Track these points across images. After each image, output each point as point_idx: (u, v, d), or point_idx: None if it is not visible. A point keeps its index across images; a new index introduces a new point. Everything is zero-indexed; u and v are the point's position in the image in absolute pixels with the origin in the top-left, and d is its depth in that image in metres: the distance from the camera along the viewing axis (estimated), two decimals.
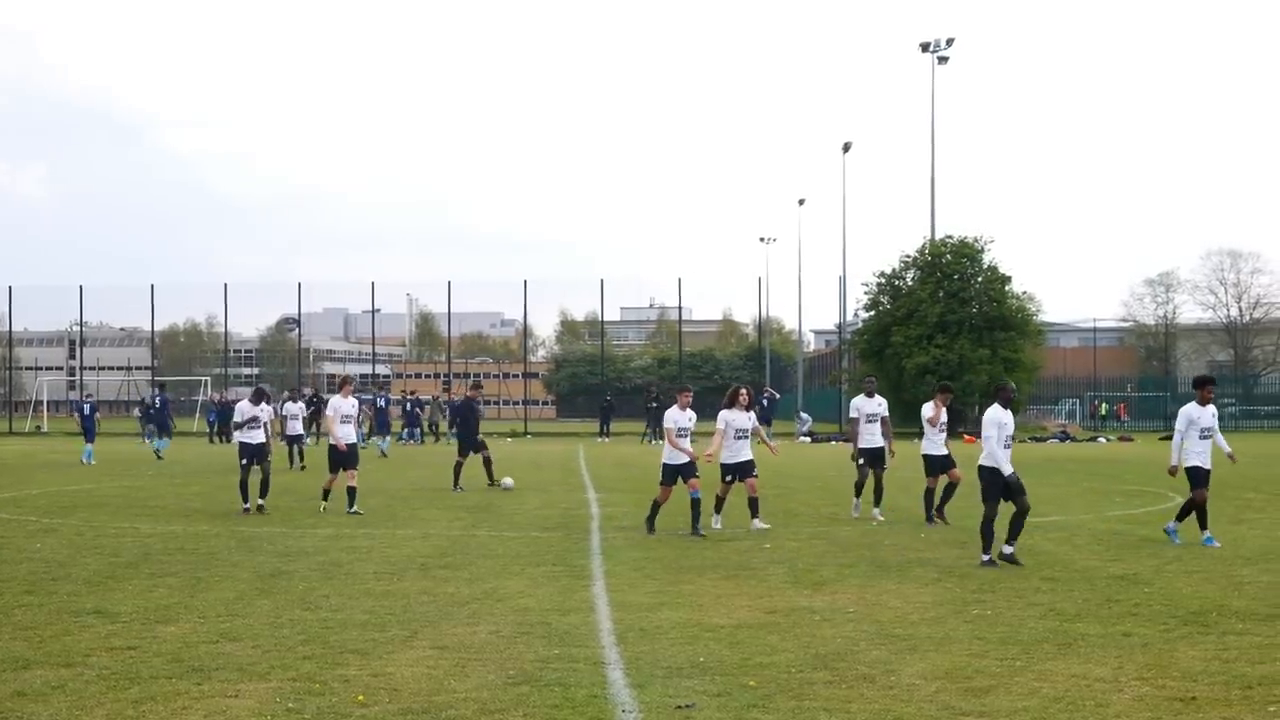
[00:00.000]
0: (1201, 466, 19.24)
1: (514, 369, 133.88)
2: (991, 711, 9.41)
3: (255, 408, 25.58)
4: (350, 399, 25.40)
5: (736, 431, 21.60)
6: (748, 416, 21.77)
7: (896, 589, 15.15)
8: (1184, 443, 19.31)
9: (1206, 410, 19.41)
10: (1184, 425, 19.33)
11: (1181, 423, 19.40)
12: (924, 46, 77.12)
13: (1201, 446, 19.28)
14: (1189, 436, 19.28)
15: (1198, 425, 19.28)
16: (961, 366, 70.81)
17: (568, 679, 10.37)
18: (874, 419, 23.90)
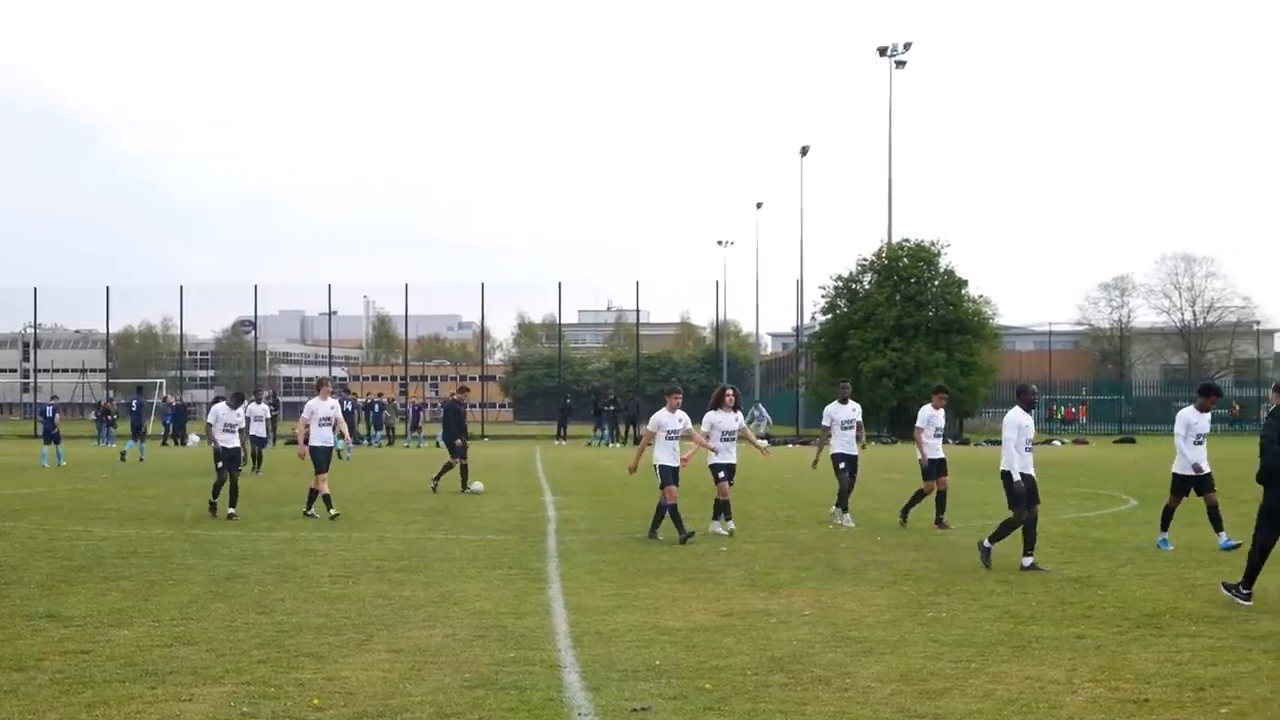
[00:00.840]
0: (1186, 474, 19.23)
1: (471, 372, 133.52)
2: (946, 714, 9.44)
3: (234, 412, 25.34)
4: (329, 401, 25.04)
5: (723, 434, 21.31)
6: (734, 418, 21.50)
7: (852, 592, 15.18)
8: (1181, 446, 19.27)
9: (1205, 417, 19.34)
10: (1183, 429, 19.25)
11: (1180, 426, 19.32)
12: (881, 51, 77.41)
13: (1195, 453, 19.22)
14: (1186, 441, 19.22)
15: (1195, 430, 19.21)
16: (918, 369, 71.08)
17: (524, 682, 10.36)
18: (849, 425, 23.62)
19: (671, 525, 20.34)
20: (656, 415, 20.98)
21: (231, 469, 24.63)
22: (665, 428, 20.75)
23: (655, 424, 20.83)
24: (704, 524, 21.47)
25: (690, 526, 20.36)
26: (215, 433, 25.11)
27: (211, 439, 25.13)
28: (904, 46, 77.13)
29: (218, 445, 24.93)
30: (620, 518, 24.28)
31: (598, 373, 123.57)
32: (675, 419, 20.89)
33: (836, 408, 23.76)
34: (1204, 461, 19.30)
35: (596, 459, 49.34)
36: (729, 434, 21.31)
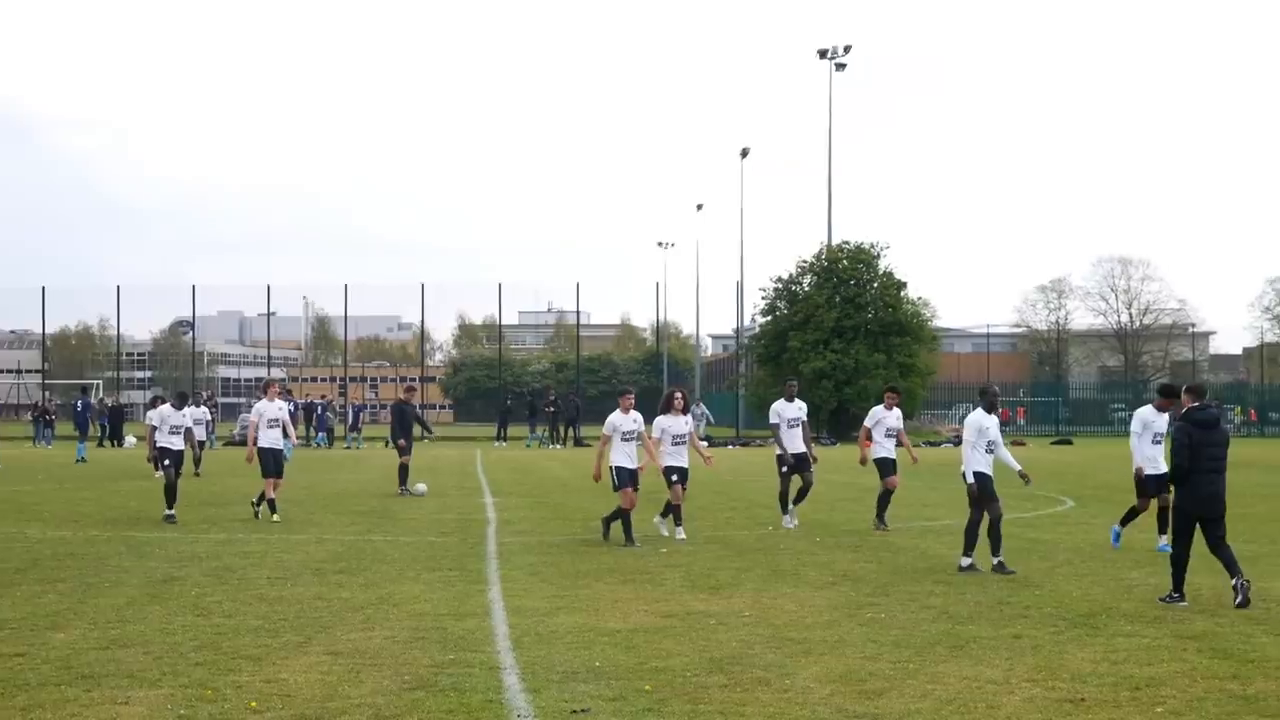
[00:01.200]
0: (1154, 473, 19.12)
1: (411, 373, 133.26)
2: (884, 714, 9.48)
3: (178, 413, 25.02)
4: (277, 402, 24.69)
5: (674, 438, 21.05)
6: (684, 421, 21.24)
7: (792, 593, 15.23)
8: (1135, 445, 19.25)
9: (1163, 417, 19.28)
10: (1139, 427, 19.24)
11: (1136, 424, 19.30)
12: (821, 53, 77.67)
13: (1153, 451, 19.23)
14: (1142, 439, 19.23)
15: (1151, 429, 19.20)
16: (857, 371, 71.40)
17: (463, 684, 10.34)
18: (795, 424, 23.46)
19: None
20: (611, 417, 20.74)
21: (177, 469, 24.39)
22: (620, 429, 20.59)
23: (610, 426, 20.61)
24: (650, 522, 21.43)
25: (638, 530, 20.37)
26: (160, 435, 24.84)
27: (151, 443, 24.89)
28: (844, 49, 77.43)
29: (159, 448, 24.67)
30: (560, 519, 24.28)
31: (538, 374, 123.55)
32: (630, 420, 20.75)
33: (784, 405, 23.64)
34: (1162, 461, 19.17)
35: (537, 461, 49.28)
36: (679, 438, 21.07)
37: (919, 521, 22.90)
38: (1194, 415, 14.66)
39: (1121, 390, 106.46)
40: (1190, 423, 14.56)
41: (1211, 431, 14.55)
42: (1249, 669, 10.97)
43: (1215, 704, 9.76)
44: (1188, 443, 14.38)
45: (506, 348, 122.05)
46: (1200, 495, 14.41)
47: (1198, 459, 14.36)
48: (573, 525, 23.04)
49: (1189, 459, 14.33)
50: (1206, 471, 14.42)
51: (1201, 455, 14.38)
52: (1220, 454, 14.52)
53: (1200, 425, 14.54)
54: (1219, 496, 14.53)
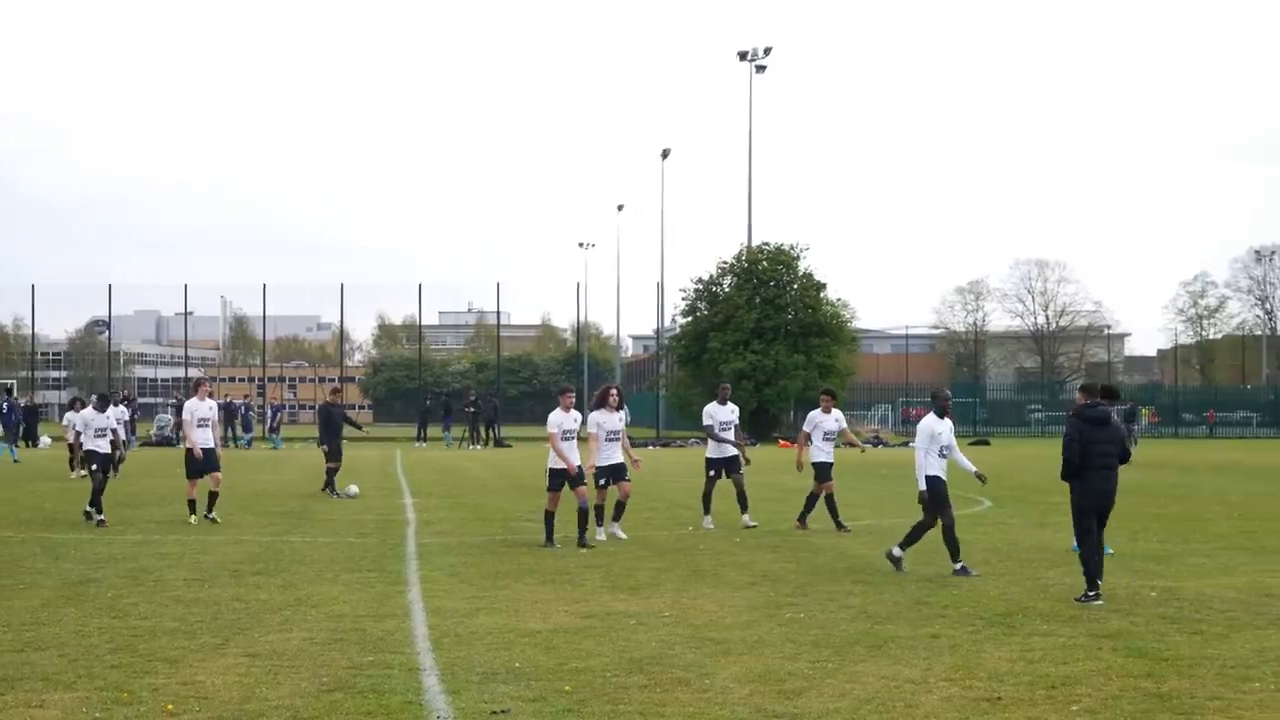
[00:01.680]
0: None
1: (330, 373, 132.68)
2: (803, 713, 9.52)
3: (102, 415, 24.44)
4: (207, 401, 24.36)
5: (608, 434, 20.85)
6: (618, 418, 21.09)
7: (711, 593, 15.26)
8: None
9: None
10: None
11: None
12: (742, 55, 77.88)
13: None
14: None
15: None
16: (777, 372, 71.70)
17: (382, 685, 10.31)
18: (727, 427, 23.32)
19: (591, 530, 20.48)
20: (553, 415, 20.51)
21: (104, 471, 23.97)
22: (562, 427, 20.31)
23: (554, 424, 20.33)
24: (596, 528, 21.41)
25: (582, 534, 20.34)
26: (85, 439, 24.44)
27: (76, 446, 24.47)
28: (764, 51, 77.63)
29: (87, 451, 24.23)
30: (481, 520, 24.23)
31: (458, 374, 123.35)
32: (570, 418, 20.53)
33: (716, 408, 23.47)
34: None
35: (457, 461, 49.15)
36: (613, 434, 20.91)
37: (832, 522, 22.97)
38: (1085, 413, 15.17)
39: (1038, 391, 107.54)
40: (1082, 420, 15.06)
41: (1102, 429, 15.04)
42: (1163, 667, 11.09)
43: (1130, 702, 9.86)
44: (1078, 438, 14.92)
45: (426, 348, 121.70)
46: (1097, 490, 14.96)
47: (1088, 455, 14.91)
48: (493, 526, 23.00)
49: (1080, 454, 14.90)
50: (1099, 468, 14.98)
51: (1092, 452, 14.92)
52: (1111, 450, 15.04)
53: (1091, 422, 15.04)
54: (1112, 493, 15.12)
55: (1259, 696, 10.04)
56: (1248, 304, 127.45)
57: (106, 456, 24.33)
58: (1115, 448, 15.13)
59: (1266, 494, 31.47)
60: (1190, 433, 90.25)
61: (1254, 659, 11.44)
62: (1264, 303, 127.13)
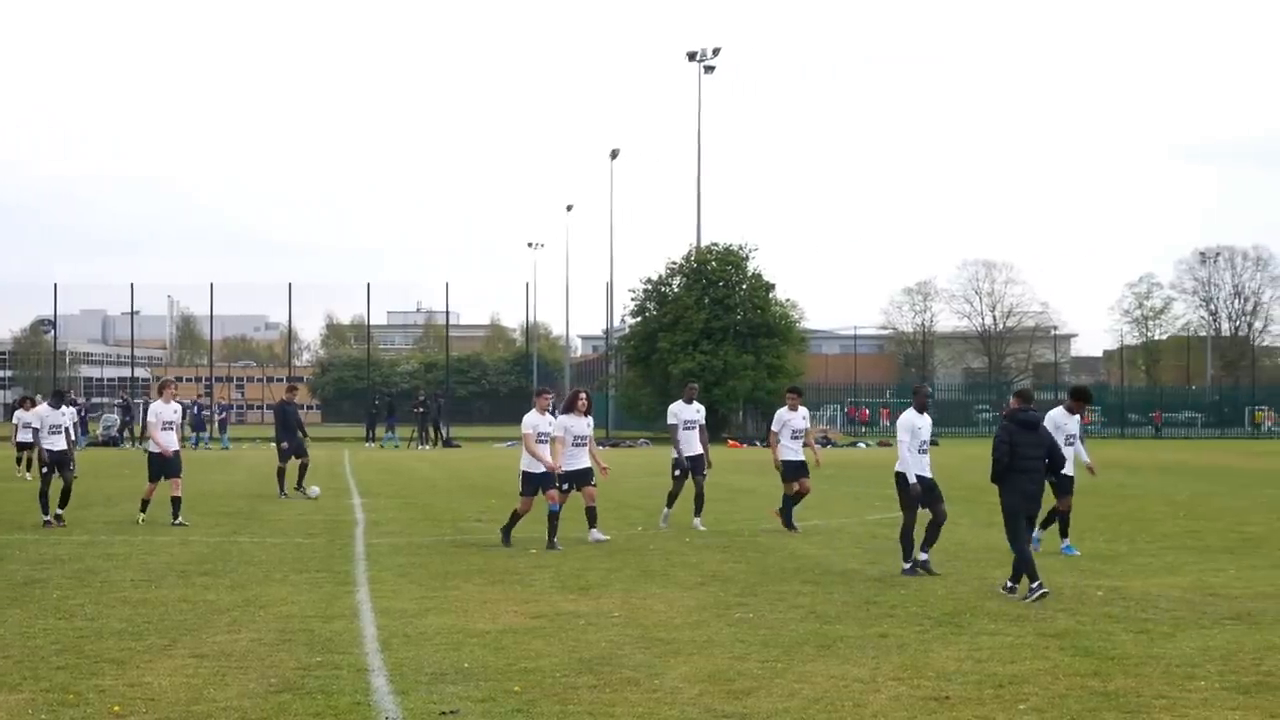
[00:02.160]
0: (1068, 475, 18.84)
1: (278, 373, 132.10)
2: (752, 713, 9.54)
3: (57, 412, 23.97)
4: (173, 403, 23.91)
5: (575, 439, 20.44)
6: (586, 423, 20.75)
7: (661, 593, 15.28)
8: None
9: (1074, 419, 19.49)
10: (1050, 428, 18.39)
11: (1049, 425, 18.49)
12: (691, 55, 77.97)
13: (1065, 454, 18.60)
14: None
15: (1063, 431, 19.06)
16: (726, 372, 71.80)
17: (331, 686, 10.28)
18: (691, 425, 23.14)
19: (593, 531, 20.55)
20: (528, 417, 20.12)
21: (62, 472, 23.49)
22: (538, 429, 20.02)
23: (529, 425, 19.97)
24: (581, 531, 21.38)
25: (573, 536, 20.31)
26: (41, 437, 23.83)
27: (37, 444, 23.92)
28: (712, 52, 77.77)
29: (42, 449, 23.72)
30: (429, 520, 24.18)
31: (407, 375, 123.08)
32: (546, 420, 20.22)
33: (682, 407, 23.33)
34: (1071, 465, 19.05)
35: (405, 462, 49.05)
36: (580, 439, 20.53)
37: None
38: (1017, 416, 15.64)
39: (986, 391, 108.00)
40: (1014, 423, 15.52)
41: (1032, 433, 15.52)
42: (1109, 666, 11.17)
43: (1077, 700, 9.92)
44: (1008, 440, 15.35)
45: (375, 348, 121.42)
46: (1025, 491, 15.40)
47: (1017, 458, 15.33)
48: (442, 527, 22.96)
49: (1009, 455, 15.30)
50: (1028, 470, 15.42)
51: (1021, 455, 15.36)
52: (1039, 454, 15.50)
53: (1022, 426, 15.51)
54: (1038, 495, 15.63)
55: (1204, 695, 10.12)
56: (1192, 305, 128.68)
57: (63, 454, 23.83)
58: (1042, 451, 15.55)
59: (1212, 494, 31.69)
60: (1136, 433, 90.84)
61: (1199, 658, 11.53)
62: (1208, 304, 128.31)
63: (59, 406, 24.26)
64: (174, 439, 23.74)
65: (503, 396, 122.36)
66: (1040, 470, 15.55)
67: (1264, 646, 12.06)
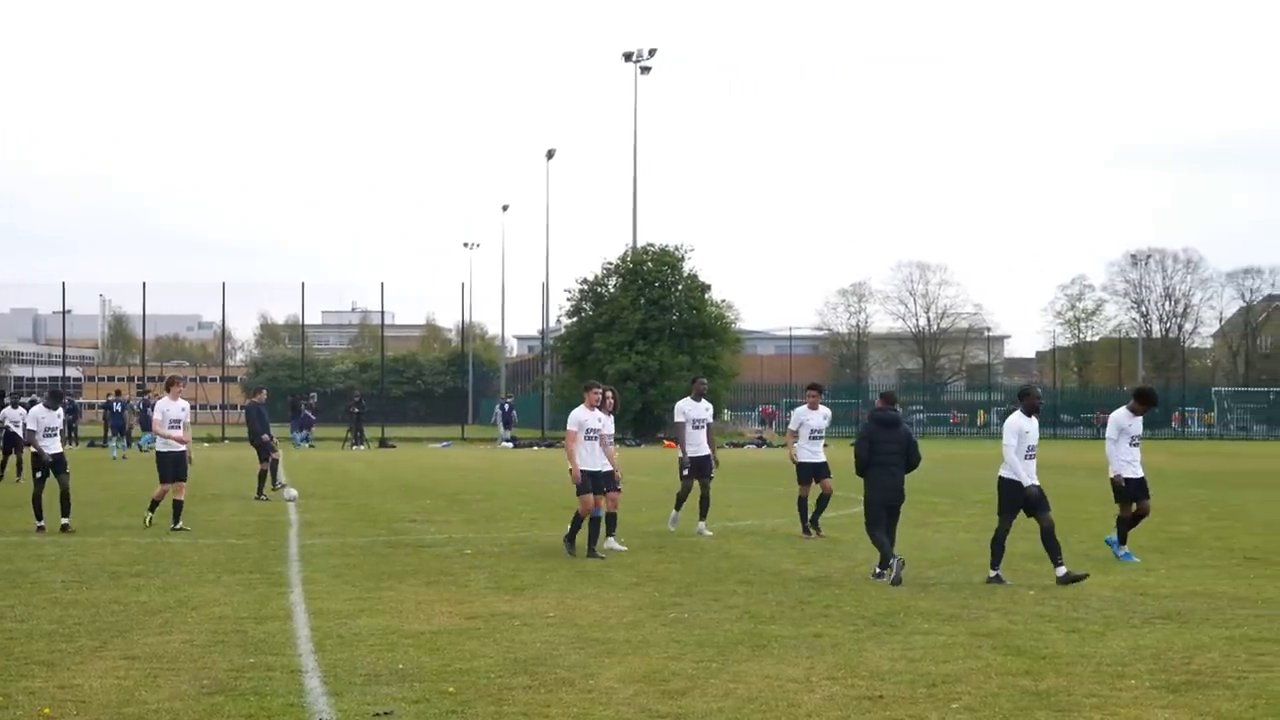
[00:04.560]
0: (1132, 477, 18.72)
1: (211, 372, 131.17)
2: (687, 713, 9.56)
3: (54, 414, 22.78)
4: (180, 402, 23.08)
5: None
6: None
7: (596, 594, 15.28)
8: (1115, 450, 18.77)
9: (1138, 420, 18.89)
10: (1114, 433, 18.81)
11: (1112, 430, 18.87)
12: (627, 56, 77.99)
13: (1130, 456, 18.77)
14: (1118, 445, 18.75)
15: (1126, 434, 18.72)
16: (662, 373, 71.79)
17: (264, 688, 10.23)
18: (700, 425, 21.86)
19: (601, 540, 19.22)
20: (576, 413, 19.22)
21: (58, 476, 22.25)
22: (586, 426, 19.01)
23: (575, 422, 19.07)
24: (453, 533, 21.36)
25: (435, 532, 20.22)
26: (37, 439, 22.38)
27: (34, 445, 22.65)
28: (649, 52, 77.79)
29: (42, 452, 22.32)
30: (364, 521, 24.10)
31: (341, 375, 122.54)
32: (595, 417, 19.19)
33: (690, 404, 21.99)
34: (1139, 465, 18.81)
35: (339, 462, 48.84)
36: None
37: (721, 522, 23.05)
38: (877, 415, 17.02)
39: (920, 392, 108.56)
40: (874, 422, 16.88)
41: (891, 430, 16.74)
42: (1041, 665, 11.25)
43: (1009, 699, 9.99)
44: (868, 438, 16.67)
45: (310, 348, 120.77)
46: (884, 485, 16.57)
47: (877, 453, 16.54)
48: (376, 527, 22.87)
49: (869, 452, 16.55)
50: (886, 465, 16.57)
51: (880, 451, 16.56)
52: (897, 449, 16.60)
53: (882, 424, 16.80)
54: (899, 487, 16.70)
55: (1134, 693, 10.21)
56: (1124, 307, 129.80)
57: (59, 457, 22.60)
58: (900, 448, 16.62)
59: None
60: (1069, 434, 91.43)
61: (1129, 656, 11.63)
62: (1139, 306, 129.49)
63: (55, 408, 23.01)
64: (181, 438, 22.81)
65: (438, 397, 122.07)
66: (900, 465, 16.60)
67: (1193, 645, 12.19)
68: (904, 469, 16.72)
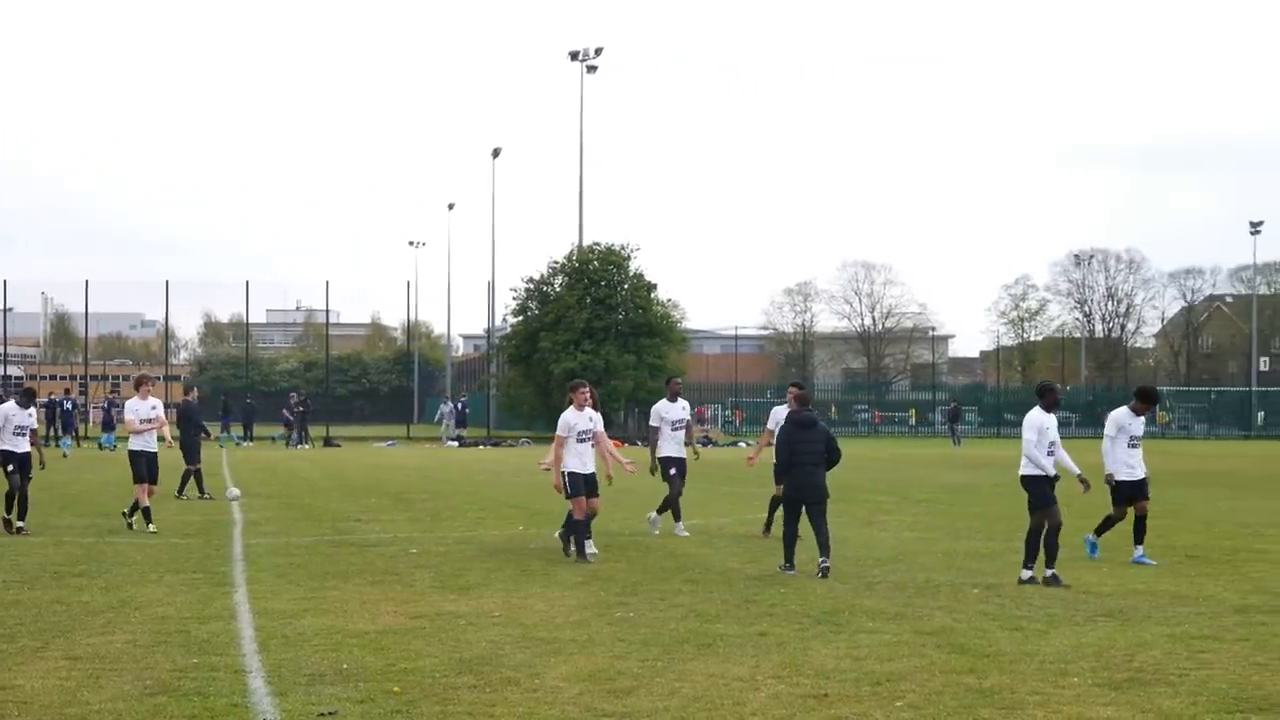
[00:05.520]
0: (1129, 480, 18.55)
1: (155, 371, 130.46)
2: (633, 712, 9.57)
3: (25, 412, 22.25)
4: (151, 400, 22.88)
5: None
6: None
7: (542, 593, 15.27)
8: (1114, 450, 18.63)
9: (1139, 420, 18.67)
10: (1114, 431, 18.63)
11: (1111, 428, 18.71)
12: (573, 55, 78.07)
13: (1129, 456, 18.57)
14: (1116, 444, 18.54)
15: (1126, 433, 18.58)
16: (608, 371, 71.83)
17: (207, 688, 10.18)
18: (679, 425, 21.70)
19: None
20: (565, 415, 18.61)
21: (23, 477, 21.86)
22: (576, 429, 18.45)
23: (565, 427, 18.48)
24: (400, 532, 21.31)
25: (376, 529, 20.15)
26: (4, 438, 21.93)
27: None
28: (595, 51, 77.96)
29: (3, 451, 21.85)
30: (309, 520, 24.01)
31: (286, 374, 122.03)
32: (585, 418, 18.63)
33: (666, 406, 21.89)
34: (1139, 467, 18.61)
35: (284, 461, 48.65)
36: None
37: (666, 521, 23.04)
38: (794, 418, 17.60)
39: (865, 391, 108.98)
40: (792, 424, 17.48)
41: (809, 431, 17.29)
42: (984, 663, 11.31)
43: (953, 697, 10.04)
44: (787, 439, 17.33)
45: (254, 347, 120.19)
46: (802, 483, 17.11)
47: (797, 454, 17.13)
48: (321, 526, 22.79)
49: (789, 453, 17.18)
50: (805, 464, 17.11)
51: (800, 450, 17.13)
52: (817, 449, 17.13)
53: (799, 425, 17.38)
54: (818, 485, 17.14)
55: (1077, 691, 10.28)
56: (1067, 306, 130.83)
57: (24, 456, 22.14)
58: (820, 447, 17.18)
59: (1084, 494, 32.07)
60: (1013, 433, 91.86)
61: (1072, 654, 11.70)
62: (1083, 305, 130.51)
63: (27, 406, 22.48)
64: (151, 438, 22.69)
65: (383, 396, 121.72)
66: (819, 463, 17.14)
67: (1135, 643, 12.28)
68: (824, 467, 17.25)
